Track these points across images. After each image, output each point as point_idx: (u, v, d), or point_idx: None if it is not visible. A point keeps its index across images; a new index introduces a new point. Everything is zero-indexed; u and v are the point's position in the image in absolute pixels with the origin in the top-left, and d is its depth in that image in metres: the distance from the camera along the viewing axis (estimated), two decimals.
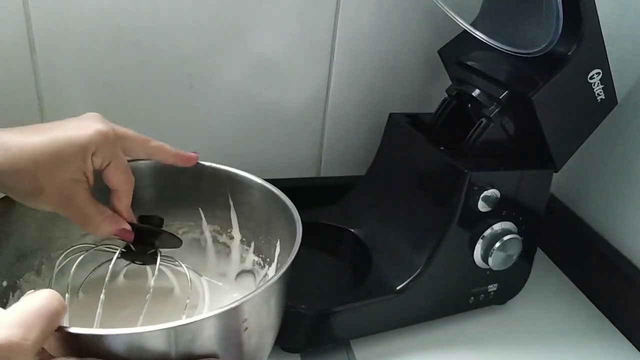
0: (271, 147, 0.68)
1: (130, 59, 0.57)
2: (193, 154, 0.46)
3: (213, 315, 0.33)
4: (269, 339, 0.42)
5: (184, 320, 0.31)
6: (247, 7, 0.58)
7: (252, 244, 0.50)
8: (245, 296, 0.34)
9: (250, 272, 0.51)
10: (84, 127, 0.37)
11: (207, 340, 0.34)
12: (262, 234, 0.50)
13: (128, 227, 0.41)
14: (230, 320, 0.35)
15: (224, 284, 0.51)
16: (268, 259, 0.49)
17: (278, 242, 0.48)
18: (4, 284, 0.41)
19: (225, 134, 0.65)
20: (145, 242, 0.43)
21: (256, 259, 0.50)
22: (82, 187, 0.38)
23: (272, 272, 0.49)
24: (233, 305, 0.33)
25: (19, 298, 0.42)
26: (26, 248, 0.43)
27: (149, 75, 0.58)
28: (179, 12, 0.56)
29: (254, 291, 0.35)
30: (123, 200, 0.41)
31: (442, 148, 0.54)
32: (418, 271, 0.53)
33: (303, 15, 0.61)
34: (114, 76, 0.57)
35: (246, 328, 0.36)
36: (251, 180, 0.48)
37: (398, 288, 0.53)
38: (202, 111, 0.63)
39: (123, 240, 0.42)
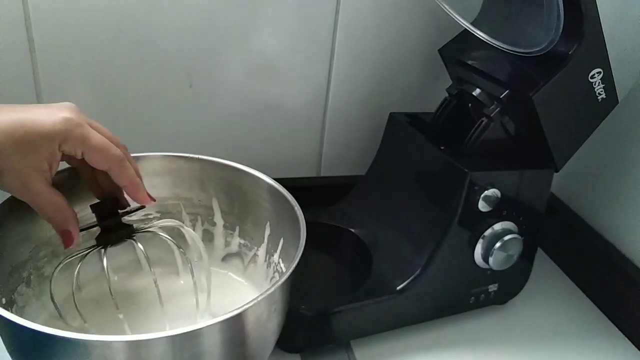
0: (271, 146, 0.67)
1: (130, 59, 0.57)
2: (148, 198, 0.43)
3: (220, 321, 0.34)
4: (272, 338, 0.42)
5: (185, 328, 0.32)
6: (247, 6, 0.58)
7: (237, 228, 0.52)
8: (253, 299, 0.35)
9: (237, 254, 0.53)
10: (52, 114, 0.36)
11: (211, 345, 0.35)
12: (248, 217, 0.52)
13: (73, 230, 0.40)
14: (236, 323, 0.36)
15: (212, 267, 0.53)
16: (256, 240, 0.52)
17: (268, 224, 0.50)
18: (3, 300, 0.40)
19: (225, 134, 0.65)
20: (113, 225, 0.43)
21: (242, 241, 0.52)
22: (41, 176, 0.37)
23: (263, 253, 0.51)
24: (249, 305, 0.35)
25: (16, 313, 0.42)
26: (16, 261, 0.43)
27: (148, 74, 0.58)
28: (178, 11, 0.56)
29: (267, 290, 0.36)
30: (119, 178, 0.40)
31: (442, 147, 0.54)
32: (418, 271, 0.52)
33: (303, 15, 0.60)
34: (113, 76, 0.57)
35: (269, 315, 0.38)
36: (232, 167, 0.50)
37: (398, 288, 0.52)
38: (201, 111, 0.62)
39: (63, 243, 0.40)
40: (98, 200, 0.43)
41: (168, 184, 0.51)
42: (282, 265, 0.50)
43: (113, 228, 0.43)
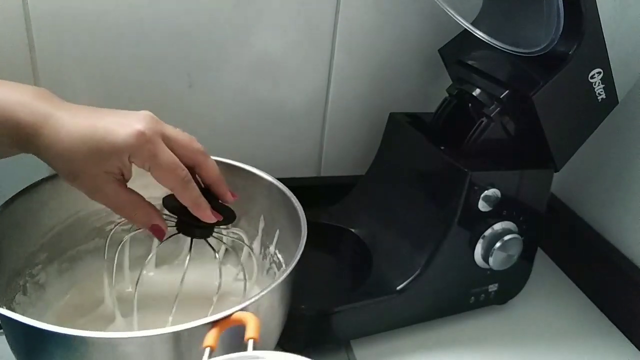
0: (271, 147, 0.67)
1: (130, 58, 0.57)
2: (212, 216, 0.43)
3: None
4: (274, 337, 0.42)
5: (187, 325, 0.33)
6: (247, 6, 0.58)
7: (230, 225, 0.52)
8: (256, 295, 0.36)
9: (232, 248, 0.53)
10: (127, 125, 0.37)
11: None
12: (241, 215, 0.51)
13: (160, 222, 0.41)
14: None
15: (207, 263, 0.53)
16: (250, 234, 0.52)
17: (262, 217, 0.51)
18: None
19: (225, 134, 0.65)
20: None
21: (236, 235, 0.52)
22: (114, 179, 0.38)
23: (257, 245, 0.53)
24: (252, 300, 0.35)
25: None
26: (13, 270, 0.43)
27: (148, 75, 0.58)
28: (178, 12, 0.56)
29: (268, 286, 0.37)
30: (181, 198, 0.40)
31: (442, 148, 0.54)
32: (418, 271, 0.52)
33: (303, 15, 0.60)
34: (113, 76, 0.57)
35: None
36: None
37: (398, 288, 0.52)
38: (201, 111, 0.62)
39: (154, 235, 0.42)
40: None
41: None
42: (279, 256, 0.50)
43: (195, 223, 0.43)
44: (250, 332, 0.32)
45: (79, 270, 0.50)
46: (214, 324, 0.33)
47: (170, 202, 0.42)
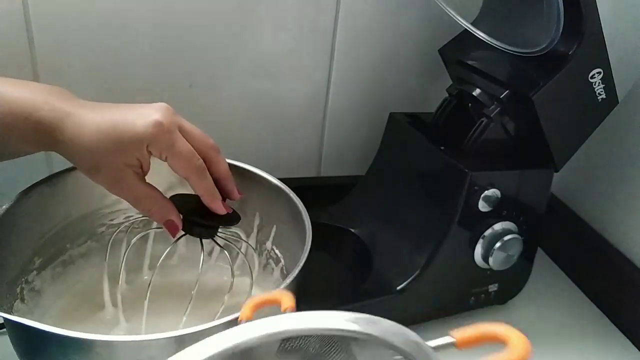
0: (271, 146, 0.67)
1: (130, 58, 0.57)
2: (224, 208, 0.44)
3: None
4: None
5: (191, 329, 0.33)
6: (247, 5, 0.58)
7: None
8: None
9: (226, 246, 0.53)
10: (145, 115, 0.38)
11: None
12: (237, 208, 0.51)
13: (175, 218, 0.42)
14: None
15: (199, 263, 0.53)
16: (245, 231, 0.53)
17: (257, 214, 0.52)
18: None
19: (225, 134, 0.64)
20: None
21: (228, 233, 0.52)
22: (133, 171, 0.39)
23: (253, 242, 0.53)
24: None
25: None
26: (9, 277, 0.43)
27: (148, 74, 0.58)
28: (178, 11, 0.56)
29: (293, 272, 0.38)
30: (196, 187, 0.41)
31: (442, 148, 0.54)
32: (418, 271, 0.52)
33: (303, 14, 0.60)
34: (113, 76, 0.57)
35: None
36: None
37: (398, 288, 0.52)
38: (201, 110, 0.62)
39: (168, 231, 0.42)
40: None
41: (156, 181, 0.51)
42: (276, 251, 0.51)
43: (201, 223, 0.44)
44: (287, 303, 0.33)
45: (71, 275, 0.50)
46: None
47: (175, 203, 0.43)
